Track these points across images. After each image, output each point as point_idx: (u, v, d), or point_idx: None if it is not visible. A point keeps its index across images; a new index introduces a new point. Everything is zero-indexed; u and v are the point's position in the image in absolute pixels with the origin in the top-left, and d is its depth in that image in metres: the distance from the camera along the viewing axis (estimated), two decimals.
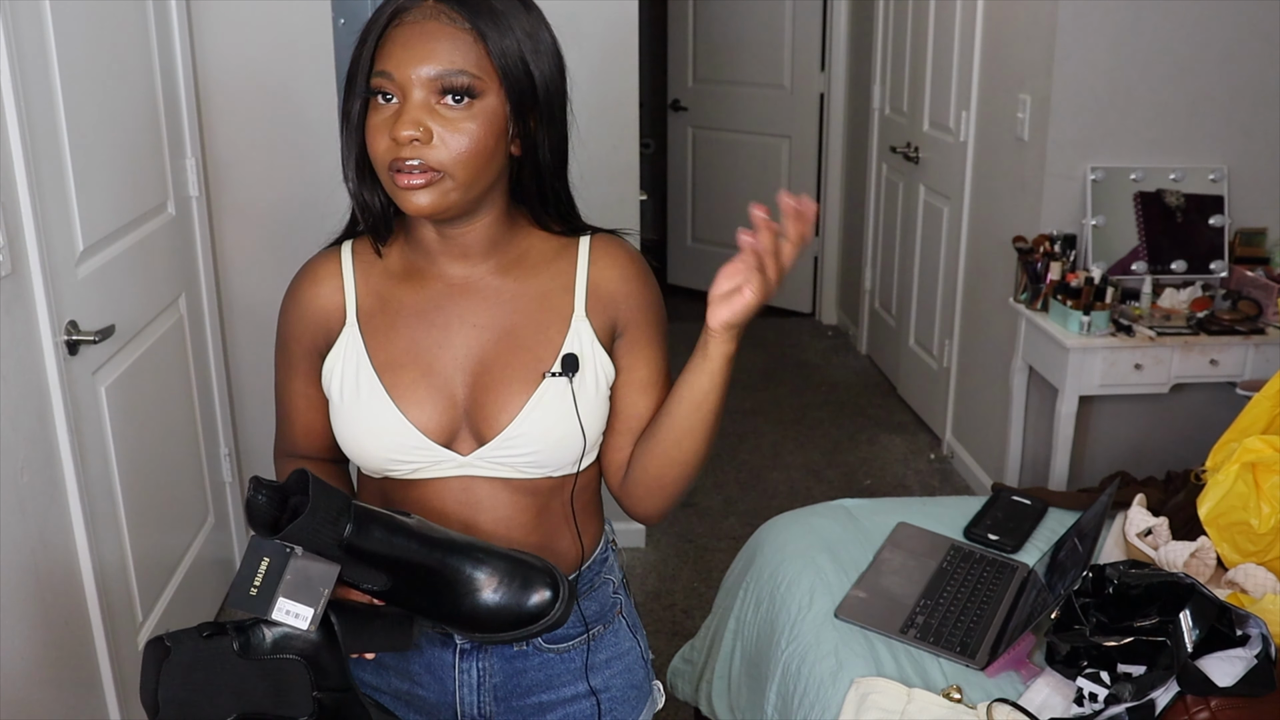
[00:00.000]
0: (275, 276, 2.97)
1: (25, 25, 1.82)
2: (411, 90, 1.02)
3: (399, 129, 1.01)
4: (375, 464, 1.12)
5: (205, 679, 0.93)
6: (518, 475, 1.12)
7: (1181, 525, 1.99)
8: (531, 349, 1.12)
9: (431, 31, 1.02)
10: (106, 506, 2.09)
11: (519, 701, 1.20)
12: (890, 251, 4.35)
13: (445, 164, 1.02)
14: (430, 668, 1.19)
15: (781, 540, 2.07)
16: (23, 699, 1.76)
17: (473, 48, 1.02)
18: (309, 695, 0.95)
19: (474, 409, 1.11)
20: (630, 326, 1.16)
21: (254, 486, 0.96)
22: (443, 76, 1.01)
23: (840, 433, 3.98)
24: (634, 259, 1.18)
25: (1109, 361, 2.72)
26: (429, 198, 1.03)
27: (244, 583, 0.93)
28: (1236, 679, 1.46)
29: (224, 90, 2.74)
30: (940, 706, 1.56)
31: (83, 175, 2.01)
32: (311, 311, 1.16)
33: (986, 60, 3.36)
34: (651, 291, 1.18)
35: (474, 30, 1.02)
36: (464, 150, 1.02)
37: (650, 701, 1.30)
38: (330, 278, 1.16)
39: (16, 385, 1.78)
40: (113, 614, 2.09)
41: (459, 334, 1.12)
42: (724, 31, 5.16)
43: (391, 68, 1.02)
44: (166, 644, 0.93)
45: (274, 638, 0.94)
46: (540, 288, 1.14)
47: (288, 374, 1.20)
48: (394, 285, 1.15)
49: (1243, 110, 2.92)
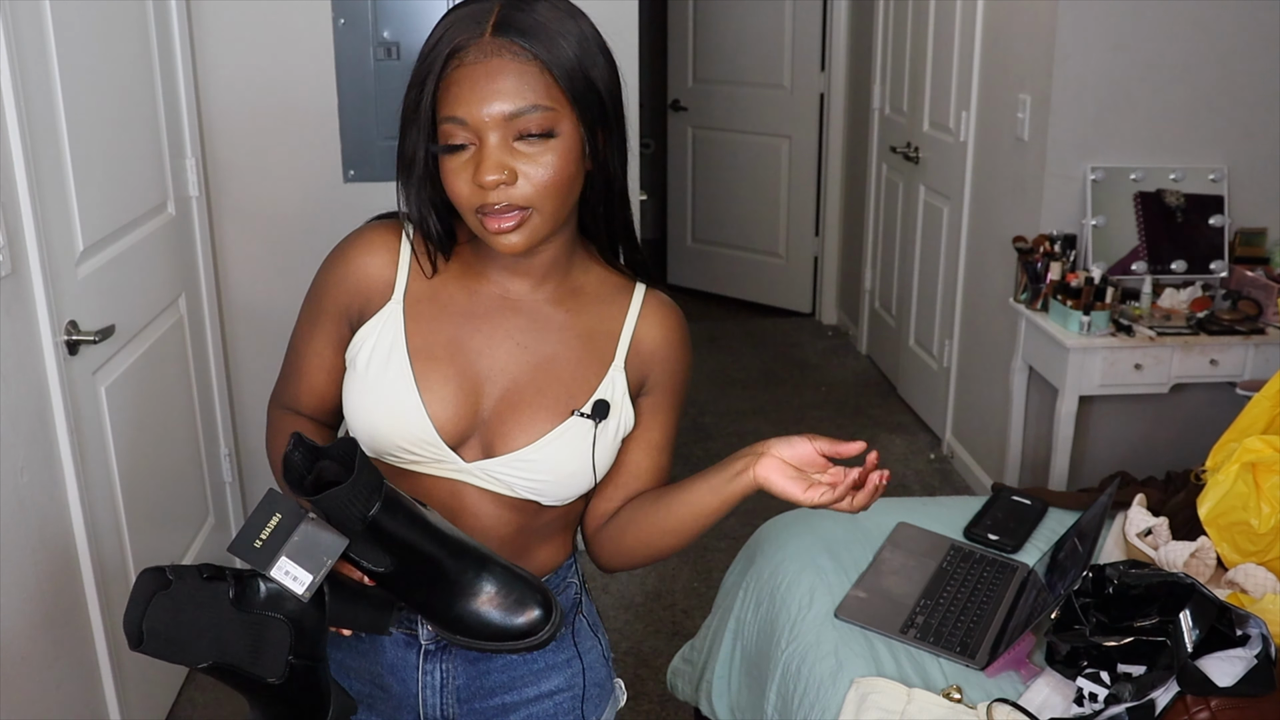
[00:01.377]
0: (275, 276, 2.98)
1: (25, 25, 1.82)
2: (486, 134, 1.00)
3: (483, 175, 1.00)
4: (379, 445, 1.12)
5: (193, 619, 0.92)
6: (512, 495, 1.13)
7: (1181, 525, 1.99)
8: (566, 383, 1.12)
9: (496, 69, 1.00)
10: (106, 506, 2.09)
11: (481, 703, 1.20)
12: (890, 251, 4.34)
13: (533, 199, 1.02)
14: (393, 669, 1.19)
15: (781, 540, 2.07)
16: (23, 698, 1.76)
17: (539, 78, 1.01)
18: (284, 658, 0.95)
19: (495, 422, 1.11)
20: (657, 389, 1.18)
21: (294, 442, 0.95)
22: (519, 115, 1.00)
23: (840, 433, 3.96)
24: (681, 325, 1.20)
25: (1109, 361, 2.72)
26: (521, 237, 1.03)
27: (250, 533, 0.92)
28: (1236, 679, 1.46)
29: (224, 90, 2.74)
30: (940, 706, 1.56)
31: (83, 175, 2.01)
32: (358, 278, 1.13)
33: (986, 60, 3.36)
34: (686, 361, 1.20)
35: (537, 60, 1.01)
36: (548, 183, 1.02)
37: (612, 700, 1.31)
38: (387, 251, 1.14)
39: (16, 385, 1.78)
40: (113, 614, 2.08)
41: (501, 347, 1.12)
42: (724, 31, 5.16)
43: (462, 113, 1.00)
44: (168, 576, 0.92)
45: (267, 593, 0.94)
46: (587, 326, 1.15)
47: (310, 329, 1.17)
48: (449, 281, 1.14)
49: (1243, 110, 2.92)
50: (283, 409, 1.22)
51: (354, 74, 2.80)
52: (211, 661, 0.92)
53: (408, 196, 1.10)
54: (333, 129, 2.83)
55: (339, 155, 2.84)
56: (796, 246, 5.24)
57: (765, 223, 5.27)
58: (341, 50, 2.78)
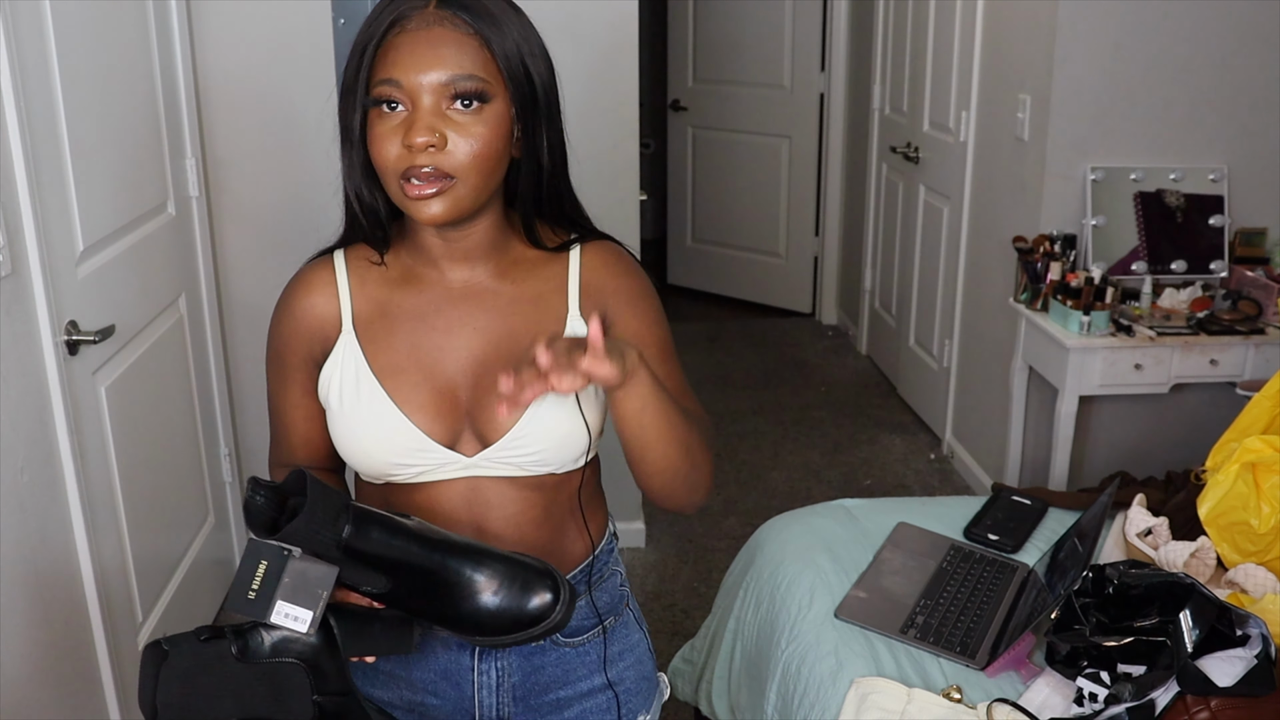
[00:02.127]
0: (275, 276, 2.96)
1: (25, 25, 1.82)
2: (420, 97, 1.02)
3: (414, 135, 1.01)
4: (378, 469, 1.12)
5: (204, 683, 0.92)
6: (524, 474, 1.13)
7: (1181, 525, 1.99)
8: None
9: (437, 37, 1.02)
10: (106, 506, 2.09)
11: (537, 699, 1.21)
12: (890, 251, 4.34)
13: (458, 168, 1.03)
14: (447, 674, 1.19)
15: (781, 540, 2.07)
16: (23, 699, 1.76)
17: (478, 52, 1.03)
18: (309, 699, 0.95)
19: (477, 410, 1.12)
20: (619, 316, 1.17)
21: (252, 487, 0.95)
22: (454, 81, 1.01)
23: (840, 433, 3.98)
24: (622, 256, 1.19)
25: (1109, 361, 2.72)
26: (442, 206, 1.04)
27: (242, 586, 0.92)
28: (1236, 679, 1.46)
29: (224, 90, 2.74)
30: (940, 706, 1.56)
31: (83, 175, 2.01)
32: (307, 321, 1.15)
33: (986, 60, 3.36)
34: (639, 281, 1.19)
35: (478, 35, 1.03)
36: (476, 153, 1.03)
37: (658, 693, 1.32)
38: (324, 286, 1.16)
39: (16, 385, 1.78)
40: (113, 614, 2.09)
41: (460, 337, 1.13)
42: (724, 31, 5.16)
43: (399, 75, 1.02)
44: (164, 648, 0.92)
45: (273, 641, 0.94)
46: (535, 290, 1.15)
47: (282, 386, 1.19)
48: (391, 290, 1.15)
49: (1243, 110, 2.92)
50: (281, 467, 1.23)
51: None
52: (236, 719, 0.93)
53: (348, 167, 1.13)
54: (333, 128, 2.82)
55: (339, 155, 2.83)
56: (796, 246, 5.24)
57: (765, 223, 5.27)
58: (341, 50, 2.78)
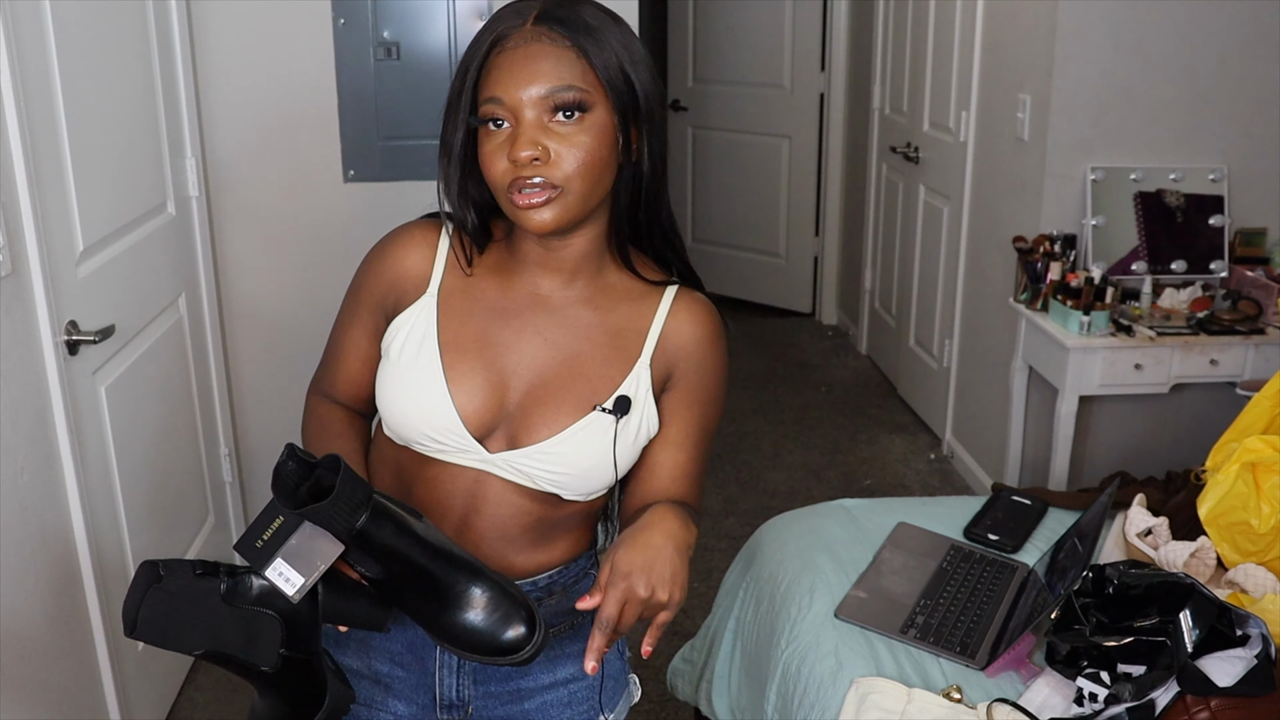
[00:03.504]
0: (275, 276, 2.98)
1: (25, 25, 1.82)
2: (523, 112, 1.04)
3: (518, 150, 1.03)
4: (406, 433, 1.14)
5: (185, 611, 0.97)
6: (533, 486, 1.14)
7: (1181, 525, 1.99)
8: (591, 379, 1.14)
9: (536, 53, 1.04)
10: (106, 506, 2.09)
11: (497, 686, 1.23)
12: (890, 251, 4.34)
13: (565, 179, 1.05)
14: (412, 647, 1.21)
15: (781, 540, 2.07)
16: (23, 698, 1.76)
17: (576, 63, 1.05)
18: (277, 650, 0.99)
19: (519, 415, 1.13)
20: (680, 384, 1.18)
21: (287, 453, 0.98)
22: (553, 94, 1.04)
23: (840, 433, 3.98)
24: (713, 322, 1.20)
25: (1109, 361, 2.72)
26: (551, 213, 1.05)
27: (254, 533, 0.97)
28: (1236, 679, 1.46)
29: (224, 90, 2.74)
30: (940, 706, 1.56)
31: (83, 175, 2.01)
32: (396, 272, 1.17)
33: (986, 60, 3.36)
34: (715, 359, 1.20)
35: (575, 47, 1.05)
36: (581, 162, 1.05)
37: (626, 694, 1.32)
38: (426, 246, 1.18)
39: (16, 385, 1.78)
40: (112, 614, 2.08)
41: (529, 342, 1.14)
42: (724, 31, 5.16)
43: (501, 93, 1.04)
44: (160, 570, 0.97)
45: (259, 590, 0.99)
46: (616, 324, 1.16)
47: (350, 319, 1.21)
48: (482, 277, 1.17)
49: (1243, 110, 2.92)
50: (321, 395, 1.26)
51: (354, 74, 2.80)
52: (205, 650, 0.98)
53: (446, 182, 1.14)
54: (333, 129, 2.82)
55: (339, 155, 2.84)
56: (796, 246, 5.24)
57: (765, 223, 5.27)
58: (341, 50, 2.78)
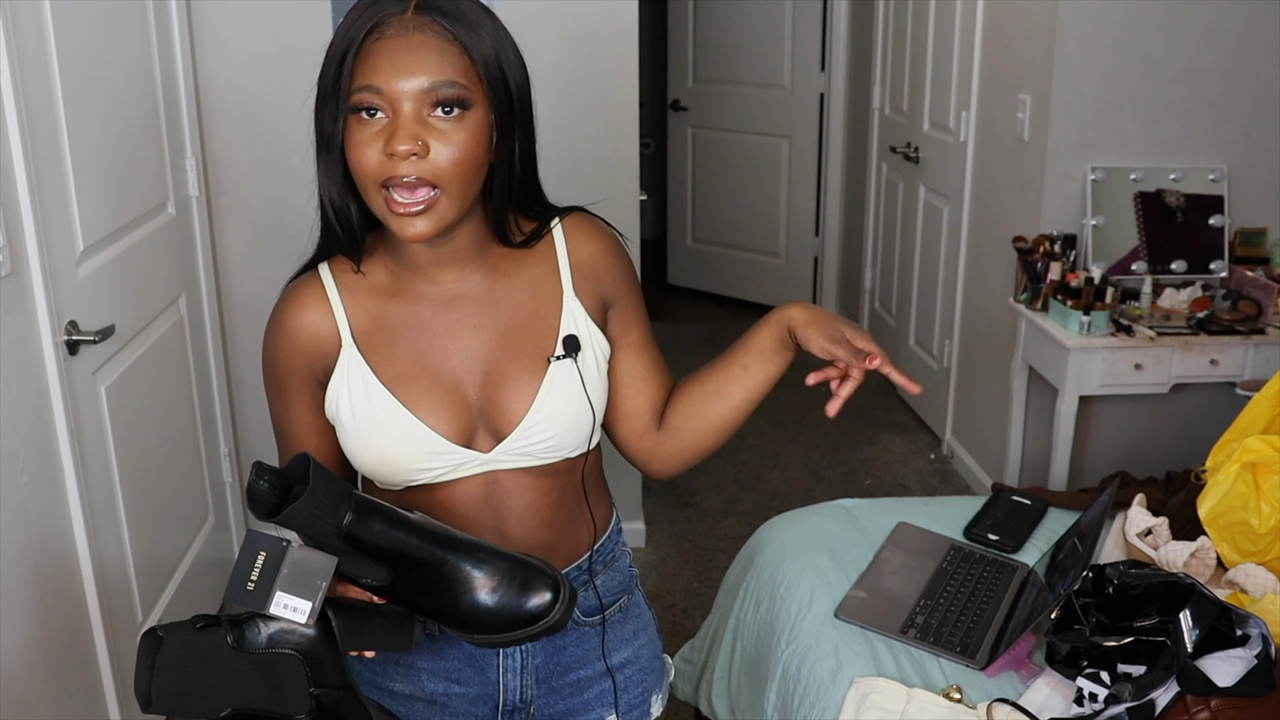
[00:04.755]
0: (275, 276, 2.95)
1: (25, 25, 1.82)
2: (402, 104, 1.00)
3: (396, 143, 0.99)
4: (399, 476, 1.12)
5: (198, 672, 0.92)
6: (539, 462, 1.14)
7: (1181, 525, 1.99)
8: (533, 339, 1.13)
9: (418, 44, 1.01)
10: (106, 506, 2.09)
11: (559, 680, 1.23)
12: (890, 251, 4.34)
13: (441, 176, 1.01)
14: (471, 660, 1.20)
15: (781, 540, 2.07)
16: (23, 699, 1.76)
17: (459, 59, 1.02)
18: (306, 692, 0.94)
19: (488, 407, 1.12)
20: (619, 296, 1.19)
21: (256, 471, 0.95)
22: (436, 88, 1.00)
23: (840, 433, 3.98)
24: (605, 231, 1.20)
25: (1109, 361, 2.72)
26: (428, 224, 1.02)
27: (240, 577, 0.92)
28: (1236, 679, 1.46)
29: (224, 90, 2.74)
30: (940, 706, 1.56)
31: (83, 175, 2.01)
32: (304, 339, 1.13)
33: (986, 60, 3.36)
34: (627, 260, 1.22)
35: (458, 41, 1.02)
36: (458, 160, 1.01)
37: (665, 673, 1.35)
38: (317, 302, 1.13)
39: (16, 385, 1.78)
40: (113, 614, 2.09)
41: (461, 338, 1.13)
42: (724, 31, 5.16)
43: (379, 82, 1.00)
44: (159, 635, 0.92)
45: (270, 633, 0.93)
46: (527, 278, 1.15)
47: (285, 405, 1.17)
48: (385, 302, 1.13)
49: (1243, 110, 2.92)
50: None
51: None
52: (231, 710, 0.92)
53: (324, 174, 1.10)
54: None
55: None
56: (796, 246, 5.24)
57: (765, 223, 5.27)
58: None
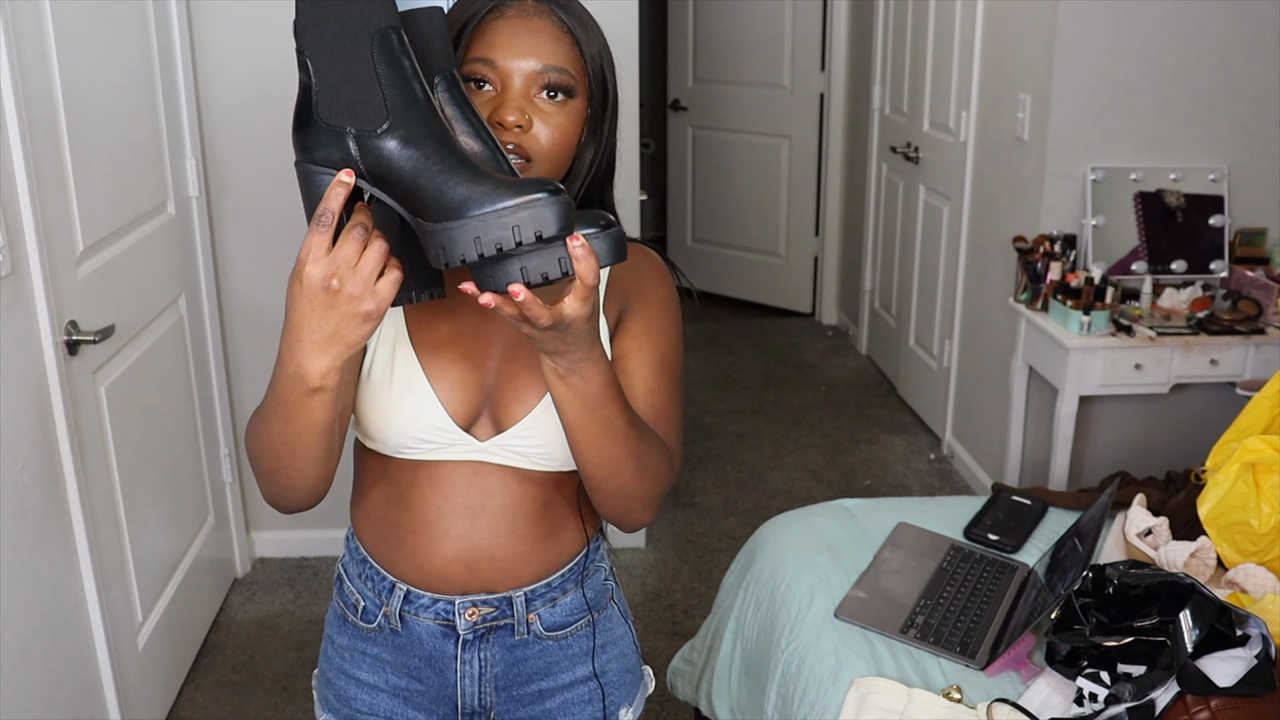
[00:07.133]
0: (275, 276, 2.97)
1: (25, 25, 1.82)
2: (512, 79, 1.05)
3: (505, 113, 1.04)
4: (396, 441, 1.13)
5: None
6: (529, 466, 1.14)
7: (1181, 525, 1.99)
8: None
9: (537, 28, 1.06)
10: (106, 506, 2.10)
11: (519, 690, 1.22)
12: (890, 251, 4.35)
13: (538, 153, 1.05)
14: (431, 660, 1.20)
15: (781, 540, 2.07)
16: (23, 699, 1.76)
17: (571, 49, 1.07)
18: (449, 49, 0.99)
19: (497, 395, 1.13)
20: (631, 315, 1.15)
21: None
22: (547, 71, 1.05)
23: (840, 433, 3.98)
24: (657, 263, 1.20)
25: (1109, 361, 2.72)
26: None
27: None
28: (1236, 679, 1.46)
29: (224, 90, 2.74)
30: (940, 706, 1.56)
31: (83, 175, 2.01)
32: None
33: (986, 60, 3.36)
34: (664, 291, 1.18)
35: (571, 34, 1.07)
36: (555, 141, 1.06)
37: (642, 686, 1.33)
38: None
39: (16, 385, 1.78)
40: (113, 614, 2.09)
41: (496, 319, 1.14)
42: (724, 31, 5.16)
43: (495, 56, 1.05)
44: None
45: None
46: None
47: None
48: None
49: (1243, 110, 2.92)
50: None
51: None
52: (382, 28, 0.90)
53: None
54: None
55: None
56: (796, 246, 5.24)
57: (765, 223, 5.27)
58: None
